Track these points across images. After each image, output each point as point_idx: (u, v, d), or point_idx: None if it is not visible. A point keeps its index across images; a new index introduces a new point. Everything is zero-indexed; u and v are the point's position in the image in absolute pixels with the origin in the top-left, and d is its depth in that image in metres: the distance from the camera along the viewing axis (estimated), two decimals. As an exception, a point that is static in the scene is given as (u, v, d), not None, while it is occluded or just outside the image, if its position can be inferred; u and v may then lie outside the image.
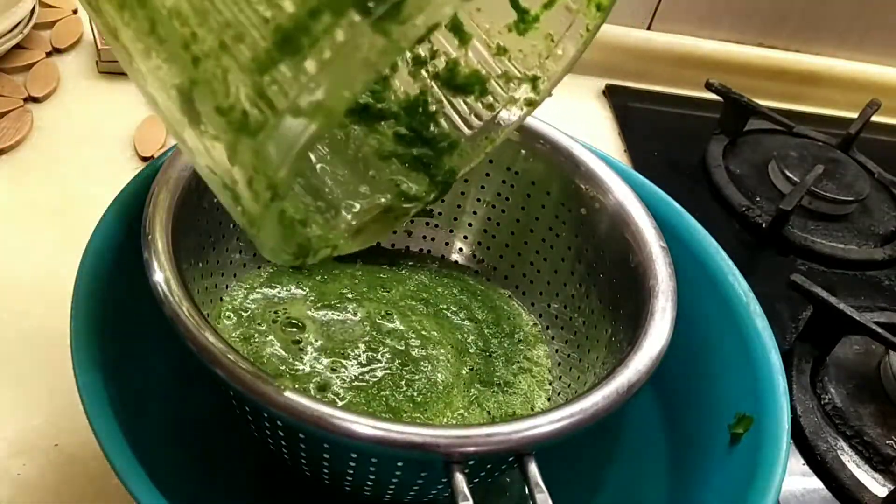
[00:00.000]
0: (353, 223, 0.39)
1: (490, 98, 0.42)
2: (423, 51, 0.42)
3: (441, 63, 0.42)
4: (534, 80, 0.41)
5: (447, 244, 0.52)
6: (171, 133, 0.32)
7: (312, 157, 0.40)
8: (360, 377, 0.43)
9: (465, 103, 0.42)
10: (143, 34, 0.30)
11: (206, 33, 0.28)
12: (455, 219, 0.51)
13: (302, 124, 0.26)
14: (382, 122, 0.42)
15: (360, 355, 0.44)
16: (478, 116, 0.43)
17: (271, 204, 0.29)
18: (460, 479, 0.33)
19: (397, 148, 0.41)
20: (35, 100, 0.67)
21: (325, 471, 0.39)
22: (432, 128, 0.42)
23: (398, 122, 0.42)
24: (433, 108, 0.42)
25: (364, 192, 0.40)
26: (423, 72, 0.42)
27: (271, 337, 0.44)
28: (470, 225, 0.51)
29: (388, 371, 0.43)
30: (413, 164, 0.42)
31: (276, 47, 0.26)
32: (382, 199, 0.40)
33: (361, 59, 0.25)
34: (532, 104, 0.42)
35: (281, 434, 0.37)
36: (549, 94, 0.42)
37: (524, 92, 0.42)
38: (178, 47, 0.28)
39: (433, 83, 0.42)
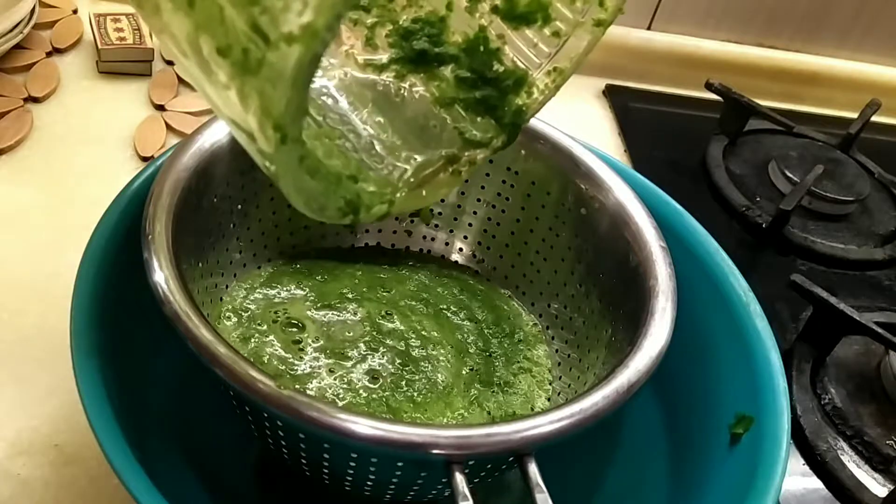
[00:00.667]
0: (412, 179, 0.37)
1: (556, 24, 0.39)
2: None
3: None
4: None
5: (447, 244, 0.52)
6: (200, 93, 0.31)
7: (363, 111, 0.38)
8: (360, 377, 0.43)
9: (529, 35, 0.40)
10: None
11: None
12: (455, 219, 0.51)
13: (296, 50, 0.25)
14: (442, 68, 0.39)
15: (360, 355, 0.44)
16: (545, 46, 0.39)
17: (282, 147, 0.27)
18: (460, 480, 0.33)
19: (459, 93, 0.39)
20: (35, 100, 0.67)
21: (325, 471, 0.39)
22: (496, 66, 0.39)
23: (459, 66, 0.39)
24: (495, 45, 0.39)
25: (423, 145, 0.38)
26: (481, 6, 0.39)
27: (271, 337, 0.44)
28: (470, 225, 0.51)
29: (389, 371, 0.43)
30: (477, 107, 0.39)
31: None
32: (444, 152, 0.38)
33: None
34: (601, 24, 0.39)
35: (281, 434, 0.37)
36: (621, 11, 0.39)
37: (592, 13, 0.39)
38: None
39: (492, 18, 0.39)
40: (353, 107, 0.39)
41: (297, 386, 0.41)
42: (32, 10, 0.70)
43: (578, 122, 0.81)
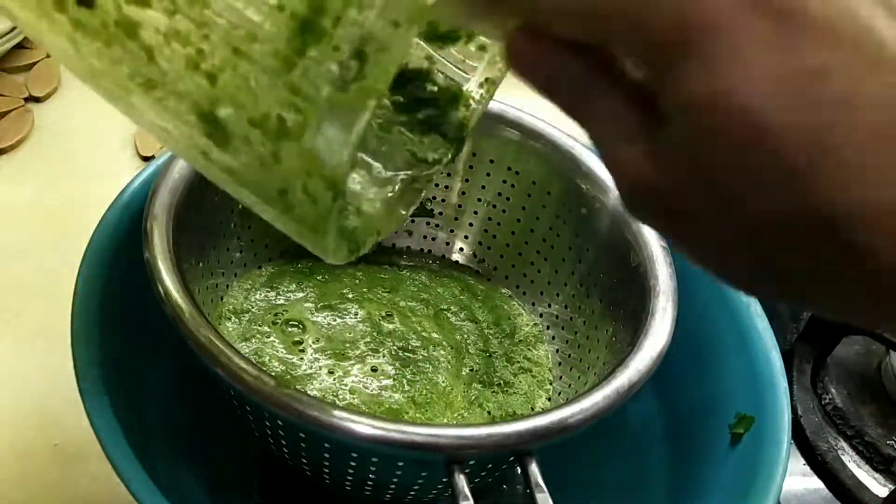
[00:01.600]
0: (384, 206, 0.37)
1: (480, 39, 0.39)
2: None
3: None
4: None
5: (448, 244, 0.52)
6: (189, 160, 0.30)
7: None
8: (361, 377, 0.43)
9: (455, 52, 0.40)
10: (141, 66, 0.28)
11: (214, 45, 0.26)
12: (456, 219, 0.51)
13: (349, 112, 0.24)
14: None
15: (360, 356, 0.44)
16: (472, 61, 0.40)
17: (334, 204, 0.27)
18: (461, 479, 0.33)
19: (401, 117, 0.40)
20: (36, 99, 0.67)
21: (326, 471, 0.39)
22: (429, 87, 0.40)
23: (393, 93, 0.40)
24: (424, 66, 0.40)
25: (387, 171, 0.39)
26: None
27: (272, 337, 0.44)
28: (471, 225, 0.51)
29: (389, 371, 0.43)
30: (421, 127, 0.39)
31: (296, 36, 0.24)
32: (402, 175, 0.39)
33: (392, 20, 0.23)
34: None
35: (281, 434, 0.37)
36: None
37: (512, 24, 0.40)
38: (186, 70, 0.26)
39: (416, 41, 0.39)
40: None
41: (297, 386, 0.41)
42: (33, 10, 0.70)
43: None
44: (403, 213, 0.38)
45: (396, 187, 0.38)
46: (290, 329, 0.44)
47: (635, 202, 0.23)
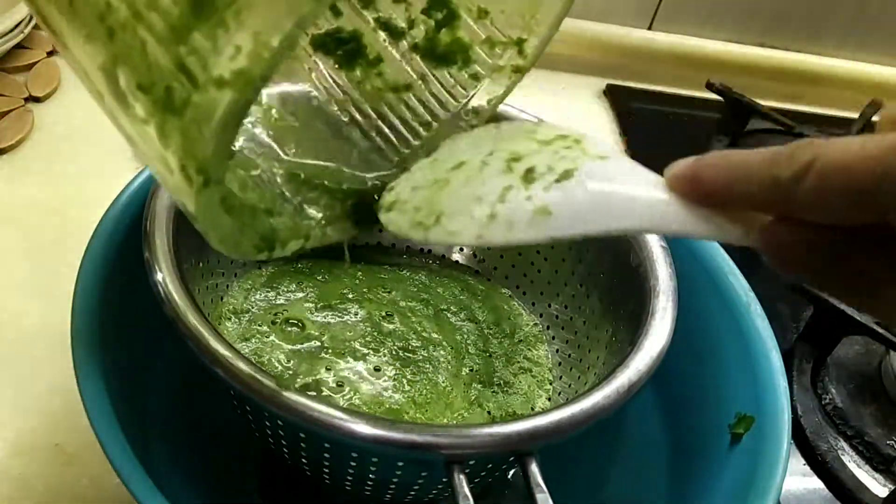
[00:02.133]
0: (321, 214, 0.37)
1: (475, 67, 0.39)
2: (401, 21, 0.40)
3: (420, 33, 0.39)
4: (519, 44, 0.38)
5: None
6: (112, 122, 0.29)
7: (283, 143, 0.38)
8: (361, 377, 0.43)
9: (450, 75, 0.40)
10: (64, 7, 0.28)
11: (119, 1, 0.26)
12: (455, 219, 0.51)
13: (227, 95, 0.24)
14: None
15: (360, 356, 0.44)
16: (462, 88, 0.40)
17: (204, 190, 0.26)
18: (461, 480, 0.33)
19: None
20: (36, 99, 0.67)
21: (326, 471, 0.39)
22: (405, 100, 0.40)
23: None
24: (412, 80, 0.40)
25: (344, 176, 0.38)
26: (401, 43, 0.40)
27: (272, 337, 0.44)
28: (470, 225, 0.51)
29: (389, 371, 0.43)
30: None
31: (189, 12, 0.24)
32: (369, 182, 0.38)
33: (284, 8, 0.23)
34: (519, 71, 0.39)
35: (281, 434, 0.37)
36: (539, 56, 0.38)
37: (510, 58, 0.39)
38: (94, 19, 0.26)
39: (412, 55, 0.40)
40: (272, 138, 0.39)
41: (297, 386, 0.41)
42: (33, 10, 0.70)
43: (579, 121, 0.81)
44: (342, 229, 0.37)
45: (327, 201, 0.37)
46: (289, 328, 0.44)
47: None
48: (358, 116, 0.41)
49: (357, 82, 0.40)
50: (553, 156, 0.30)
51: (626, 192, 0.28)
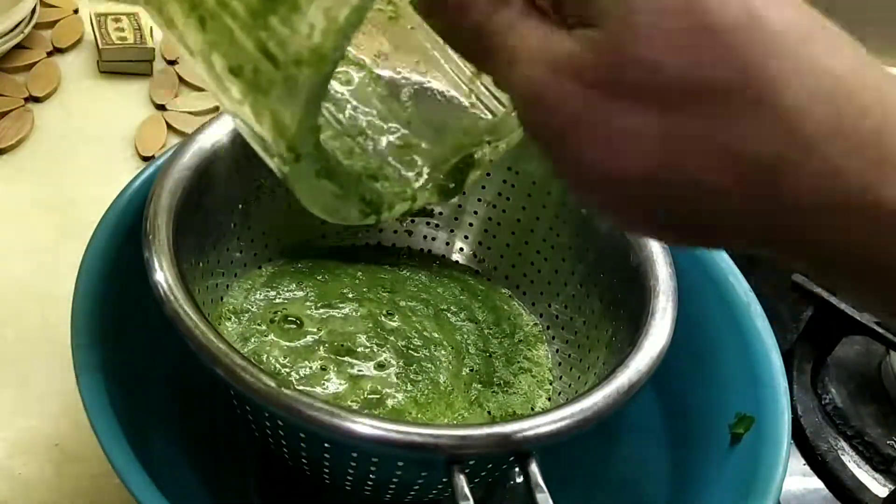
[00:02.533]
0: (426, 176, 0.37)
1: None
2: None
3: None
4: None
5: (448, 244, 0.52)
6: (216, 100, 0.32)
7: (381, 107, 0.38)
8: (362, 377, 0.43)
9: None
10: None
11: None
12: (456, 219, 0.51)
13: (305, 73, 0.26)
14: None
15: (361, 355, 0.44)
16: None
17: (296, 165, 0.28)
18: (461, 479, 0.33)
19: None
20: (36, 99, 0.67)
21: (326, 470, 0.39)
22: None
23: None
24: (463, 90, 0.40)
25: (442, 138, 0.39)
26: None
27: (270, 335, 0.44)
28: (471, 225, 0.51)
29: (390, 371, 0.43)
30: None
31: None
32: (465, 141, 0.39)
33: None
34: None
35: (281, 433, 0.37)
36: None
37: None
38: (188, 9, 0.28)
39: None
40: (370, 105, 0.39)
41: (297, 386, 0.41)
42: (33, 10, 0.70)
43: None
44: (445, 188, 0.37)
45: (431, 161, 0.37)
46: (290, 328, 0.44)
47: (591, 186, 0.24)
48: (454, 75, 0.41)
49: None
50: None
51: None
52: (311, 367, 0.43)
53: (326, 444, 0.36)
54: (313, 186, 0.30)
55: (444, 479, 0.33)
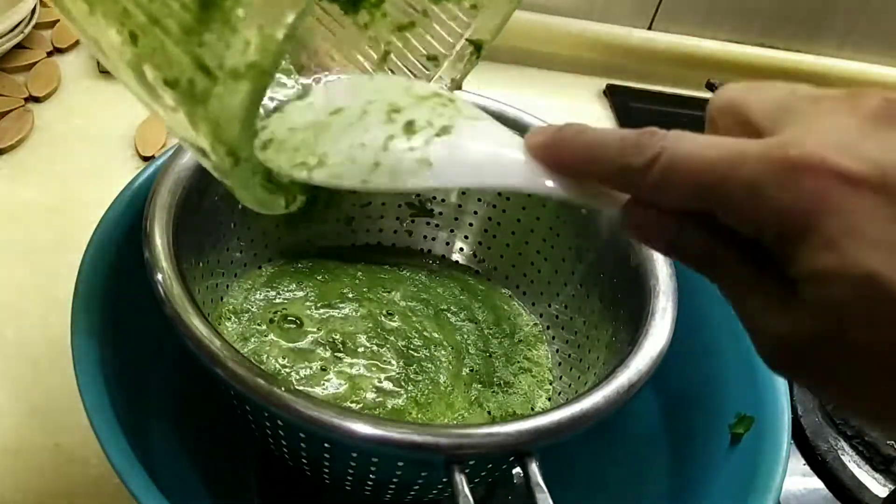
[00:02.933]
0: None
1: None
2: None
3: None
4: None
5: (448, 244, 0.52)
6: (145, 108, 0.32)
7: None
8: (362, 377, 0.43)
9: (450, 8, 0.41)
10: (85, 15, 0.30)
11: (135, 8, 0.28)
12: (456, 219, 0.51)
13: (243, 86, 0.27)
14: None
15: (361, 355, 0.44)
16: (465, 17, 0.41)
17: (235, 168, 0.29)
18: (461, 479, 0.33)
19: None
20: (36, 99, 0.67)
21: (326, 470, 0.39)
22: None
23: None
24: (411, 19, 0.41)
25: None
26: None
27: (270, 335, 0.44)
28: (471, 225, 0.51)
29: (391, 371, 0.43)
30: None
31: (197, 15, 0.27)
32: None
33: (285, 3, 0.26)
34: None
35: (281, 434, 0.37)
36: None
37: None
38: (116, 23, 0.29)
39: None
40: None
41: (297, 386, 0.41)
42: (33, 10, 0.70)
43: (579, 121, 0.81)
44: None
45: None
46: (289, 328, 0.44)
47: (776, 360, 0.25)
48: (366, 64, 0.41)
49: (363, 25, 0.41)
50: (431, 112, 0.32)
51: (501, 152, 0.30)
52: (311, 368, 0.43)
53: (326, 444, 0.36)
54: (252, 187, 0.31)
55: (444, 479, 0.33)
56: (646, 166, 0.25)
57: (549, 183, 0.28)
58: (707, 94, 0.81)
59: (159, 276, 0.36)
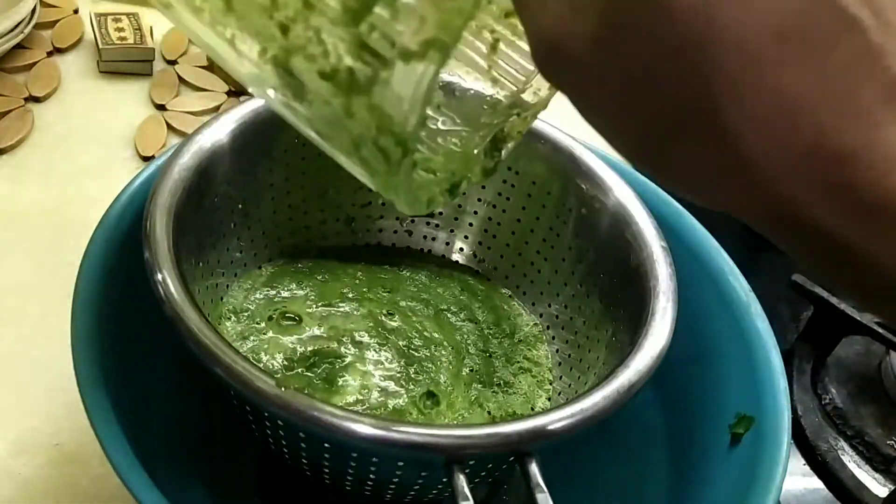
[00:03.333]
0: (460, 159, 0.37)
1: None
2: None
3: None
4: None
5: (448, 244, 0.52)
6: (275, 108, 0.30)
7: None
8: (362, 377, 0.43)
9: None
10: (220, 14, 0.28)
11: None
12: (456, 218, 0.51)
13: (418, 68, 0.24)
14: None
15: (361, 355, 0.44)
16: None
17: (404, 160, 0.27)
18: (461, 480, 0.33)
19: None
20: (36, 99, 0.67)
21: (326, 470, 0.39)
22: None
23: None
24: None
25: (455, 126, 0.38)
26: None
27: (269, 333, 0.44)
28: (471, 225, 0.51)
29: (391, 371, 0.43)
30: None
31: None
32: (479, 126, 0.38)
33: None
34: None
35: (281, 434, 0.37)
36: None
37: None
38: (261, 18, 0.27)
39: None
40: None
41: (297, 386, 0.41)
42: (33, 10, 0.70)
43: (579, 121, 0.81)
44: (490, 164, 0.37)
45: (471, 139, 0.37)
46: (290, 328, 0.44)
47: (548, 57, 0.23)
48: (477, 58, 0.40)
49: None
50: None
51: None
52: (311, 368, 0.43)
53: (326, 444, 0.36)
54: (409, 184, 0.29)
55: (444, 479, 0.33)
56: None
57: None
58: None
59: (159, 276, 0.36)
